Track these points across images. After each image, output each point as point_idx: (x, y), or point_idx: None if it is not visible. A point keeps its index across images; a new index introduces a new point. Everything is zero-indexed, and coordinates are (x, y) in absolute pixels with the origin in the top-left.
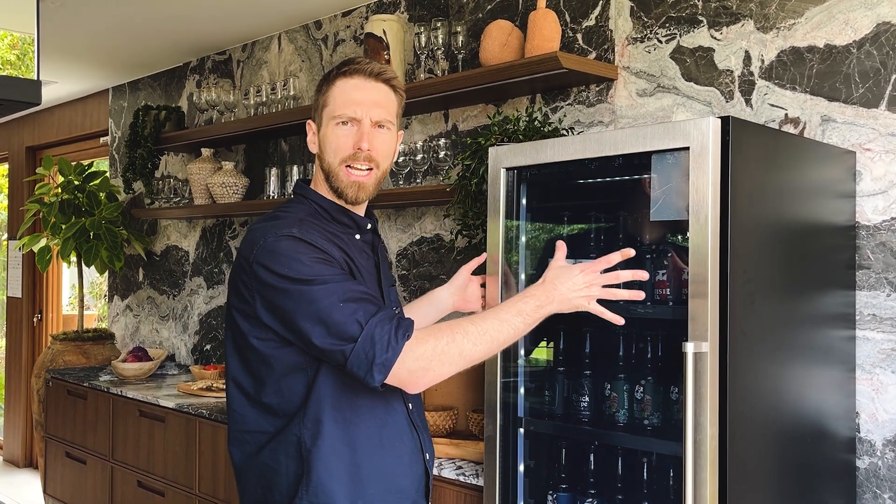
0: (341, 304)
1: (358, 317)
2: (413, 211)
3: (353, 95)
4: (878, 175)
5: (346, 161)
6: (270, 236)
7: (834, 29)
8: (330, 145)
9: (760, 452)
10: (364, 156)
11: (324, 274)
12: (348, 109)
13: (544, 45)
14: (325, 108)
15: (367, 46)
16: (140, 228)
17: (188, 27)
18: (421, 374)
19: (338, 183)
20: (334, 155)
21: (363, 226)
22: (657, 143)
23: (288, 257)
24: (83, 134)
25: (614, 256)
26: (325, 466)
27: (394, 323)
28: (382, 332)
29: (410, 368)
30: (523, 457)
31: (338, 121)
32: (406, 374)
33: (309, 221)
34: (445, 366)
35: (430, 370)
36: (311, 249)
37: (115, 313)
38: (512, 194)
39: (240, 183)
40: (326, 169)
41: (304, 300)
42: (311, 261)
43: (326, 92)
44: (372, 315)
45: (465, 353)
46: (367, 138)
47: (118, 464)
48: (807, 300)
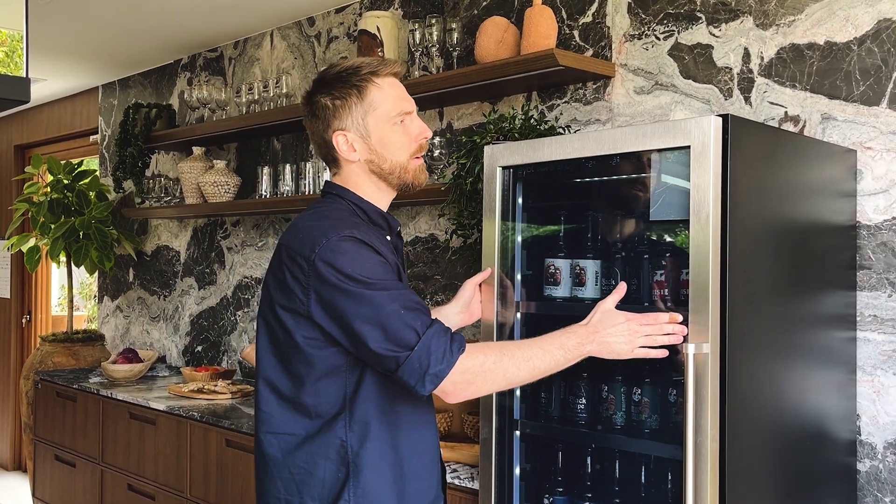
0: (402, 312)
1: (416, 326)
2: (407, 210)
3: (396, 91)
4: (879, 174)
5: (413, 154)
6: (333, 235)
7: (834, 26)
8: (394, 145)
9: (760, 455)
10: (425, 143)
11: (385, 279)
12: (401, 105)
13: (540, 42)
14: (372, 112)
15: (360, 43)
16: (130, 228)
17: (179, 24)
18: (463, 386)
19: (406, 175)
20: (401, 152)
21: (394, 228)
22: (657, 141)
23: (352, 259)
24: (73, 132)
25: (662, 317)
26: (373, 468)
27: (448, 336)
28: (439, 344)
29: (455, 380)
30: (519, 460)
31: (395, 120)
32: (450, 386)
33: (357, 222)
34: (488, 383)
35: (472, 384)
36: (373, 253)
37: (105, 314)
38: (508, 194)
39: (231, 182)
40: (389, 169)
41: (366, 303)
42: (373, 264)
43: (366, 97)
44: (428, 326)
45: (509, 375)
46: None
47: (108, 467)
48: (807, 301)
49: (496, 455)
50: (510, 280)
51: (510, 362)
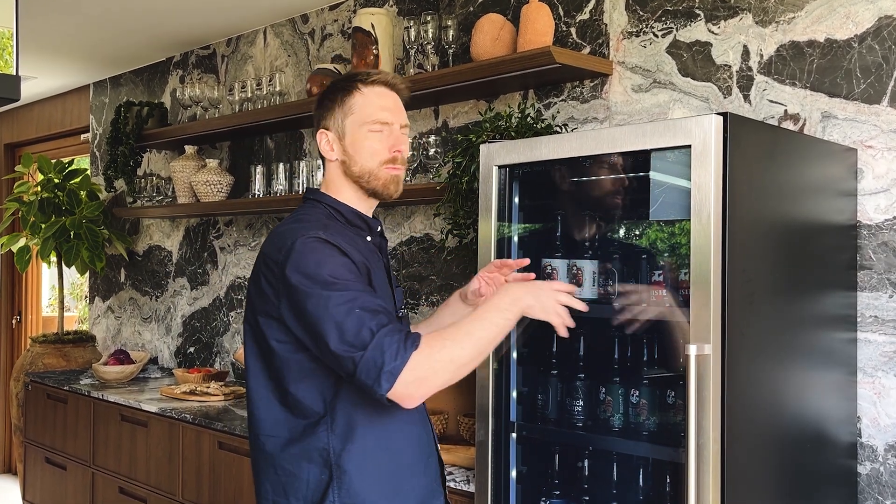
0: (357, 311)
1: (371, 325)
2: (402, 210)
3: (382, 102)
4: (879, 173)
5: (384, 163)
6: (299, 238)
7: (834, 23)
8: (365, 150)
9: (760, 457)
10: (401, 158)
11: (347, 280)
12: (381, 115)
13: (537, 40)
14: (350, 116)
15: (354, 41)
16: (122, 228)
17: (171, 21)
18: (417, 385)
19: (376, 182)
20: (372, 159)
21: (374, 228)
22: (657, 140)
23: (316, 260)
24: (63, 131)
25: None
26: (359, 470)
27: (402, 334)
28: (392, 341)
29: (408, 381)
30: (515, 462)
31: (370, 128)
32: (402, 388)
33: (331, 225)
34: (440, 374)
35: (425, 380)
36: (338, 254)
37: (97, 315)
38: (504, 193)
39: (224, 181)
40: (359, 172)
41: (325, 303)
42: (335, 264)
43: (348, 101)
44: (383, 325)
45: (456, 358)
46: (401, 141)
47: (99, 469)
48: (807, 301)
49: (492, 458)
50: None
51: (453, 345)
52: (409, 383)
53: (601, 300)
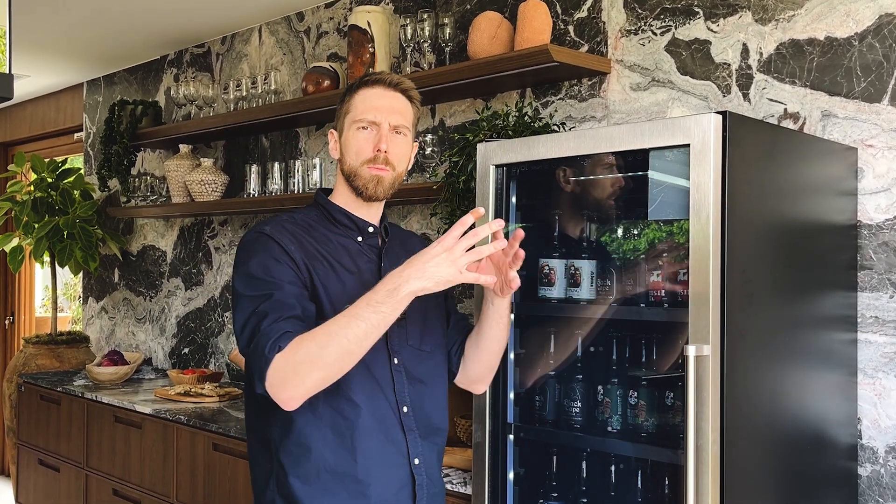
0: (259, 309)
1: (263, 323)
2: (399, 210)
3: (373, 102)
4: (880, 172)
5: (367, 162)
6: (248, 232)
7: (835, 21)
8: (351, 148)
9: (759, 459)
10: (382, 158)
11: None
12: (368, 114)
13: (534, 38)
14: (347, 115)
15: (350, 39)
16: (116, 228)
17: (166, 19)
18: (280, 387)
19: (359, 181)
20: (356, 157)
21: (364, 229)
22: (656, 139)
23: (248, 255)
24: (57, 130)
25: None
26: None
27: (278, 334)
28: (264, 342)
29: (271, 383)
30: (513, 464)
31: (359, 125)
32: (271, 390)
33: (293, 221)
34: (300, 375)
35: (288, 382)
36: (273, 248)
37: (90, 315)
38: (501, 192)
39: (219, 180)
40: (348, 171)
41: (240, 299)
42: (266, 261)
43: (349, 101)
44: (272, 323)
45: (316, 358)
46: (385, 140)
47: (93, 471)
48: (807, 302)
49: (489, 459)
50: None
51: (311, 344)
52: (273, 385)
53: (599, 300)
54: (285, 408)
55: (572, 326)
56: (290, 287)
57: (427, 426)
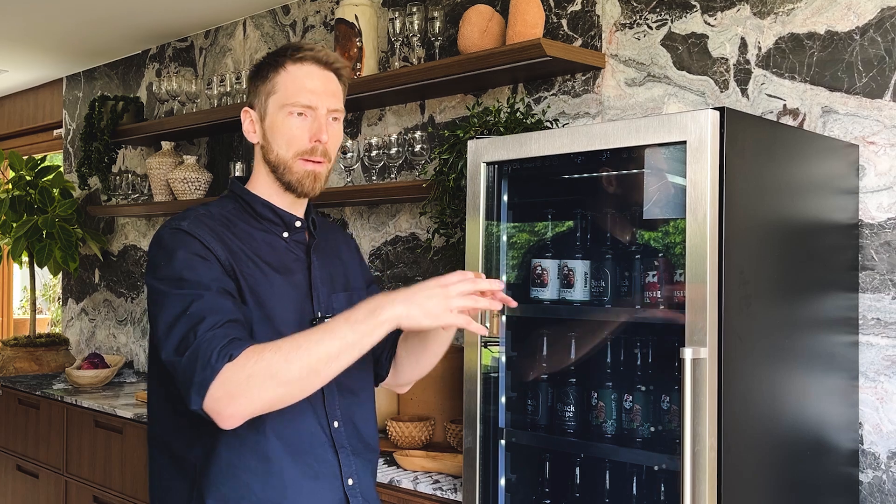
0: (189, 313)
1: (198, 328)
2: (387, 208)
3: (306, 84)
4: (882, 170)
5: (301, 154)
6: (161, 229)
7: (835, 14)
8: (282, 137)
9: (758, 465)
10: (321, 150)
11: (193, 276)
12: (303, 97)
13: (527, 32)
14: (272, 95)
15: (337, 33)
16: (96, 227)
17: (147, 12)
18: (227, 402)
19: (290, 176)
20: (287, 147)
21: (291, 224)
22: (651, 136)
23: (165, 254)
24: (35, 126)
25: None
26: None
27: (225, 340)
28: (208, 349)
29: (216, 396)
30: (504, 470)
31: (291, 110)
32: (212, 403)
33: (210, 215)
34: (254, 390)
35: (236, 397)
36: (195, 245)
37: (70, 317)
38: (492, 191)
39: (202, 178)
40: (275, 161)
41: (163, 303)
42: (185, 259)
43: (273, 77)
44: (210, 328)
45: (278, 373)
46: (324, 130)
47: (73, 477)
48: (806, 303)
49: (480, 465)
50: None
51: (275, 356)
52: (219, 399)
53: (593, 301)
54: (224, 426)
55: (565, 328)
56: (220, 288)
57: (359, 441)
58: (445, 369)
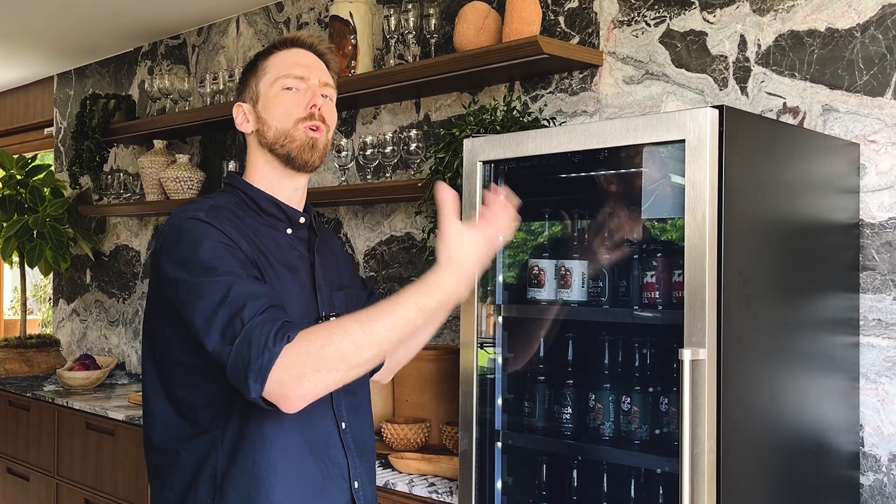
0: (230, 300)
1: (243, 314)
2: (382, 208)
3: (296, 59)
4: (883, 169)
5: (300, 121)
6: (176, 221)
7: (836, 11)
8: (277, 109)
9: (757, 468)
10: (318, 115)
11: (226, 265)
12: (294, 70)
13: (523, 29)
14: (262, 78)
15: (332, 30)
16: (87, 226)
17: (139, 9)
18: (294, 385)
19: (291, 144)
20: (286, 118)
21: (295, 220)
22: (650, 135)
23: (190, 244)
24: (26, 124)
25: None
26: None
27: (277, 324)
28: (261, 333)
29: (281, 379)
30: (501, 473)
31: (283, 84)
32: (277, 387)
33: (222, 208)
34: (322, 373)
35: (303, 380)
36: (217, 235)
37: (61, 318)
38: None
39: (195, 177)
40: (273, 137)
41: (199, 293)
42: (214, 247)
43: (263, 64)
44: (257, 313)
45: (347, 356)
46: (318, 96)
47: (64, 480)
48: (807, 304)
49: (476, 468)
50: (492, 283)
51: (345, 340)
52: (283, 382)
53: (591, 302)
54: (289, 409)
55: (563, 329)
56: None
57: (361, 442)
58: (441, 371)
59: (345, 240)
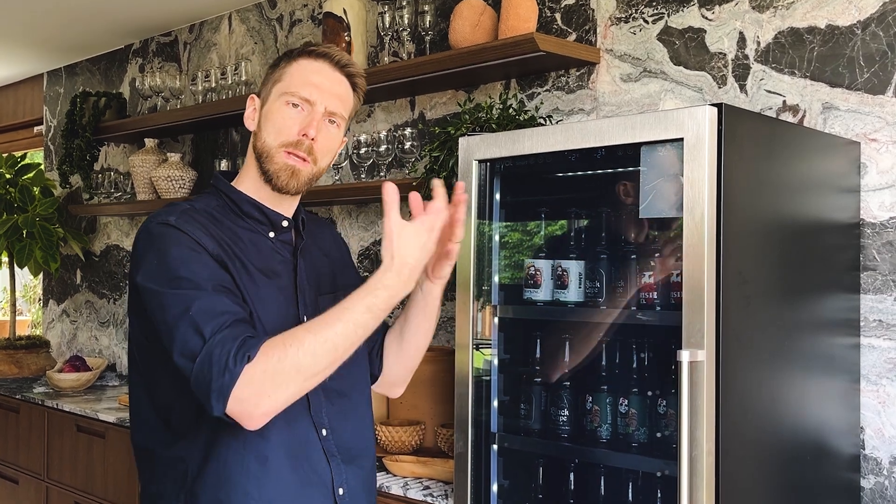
0: (191, 315)
1: (205, 330)
2: (376, 207)
3: (312, 78)
4: (884, 168)
5: (285, 145)
6: (148, 225)
7: (836, 8)
8: (273, 124)
9: (757, 471)
10: (307, 146)
11: (190, 275)
12: (304, 90)
13: (520, 26)
14: (277, 84)
15: (325, 27)
16: (78, 226)
17: (130, 6)
18: (255, 402)
19: (270, 165)
20: (276, 136)
21: (277, 223)
22: (647, 133)
23: (158, 252)
24: (15, 123)
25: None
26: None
27: (238, 341)
28: (222, 352)
29: (242, 397)
30: (497, 476)
31: (288, 99)
32: (237, 406)
33: (195, 210)
34: (281, 388)
35: (262, 396)
36: (186, 240)
37: (51, 319)
38: (484, 189)
39: (187, 176)
40: (261, 149)
41: (163, 304)
42: (179, 257)
43: (284, 68)
44: (218, 329)
45: (304, 367)
46: (315, 126)
47: (54, 483)
48: (807, 304)
49: (472, 471)
50: (488, 284)
51: (299, 352)
52: (244, 400)
53: (588, 303)
54: (251, 426)
55: (559, 330)
56: (218, 285)
57: (350, 448)
58: (436, 372)
59: None
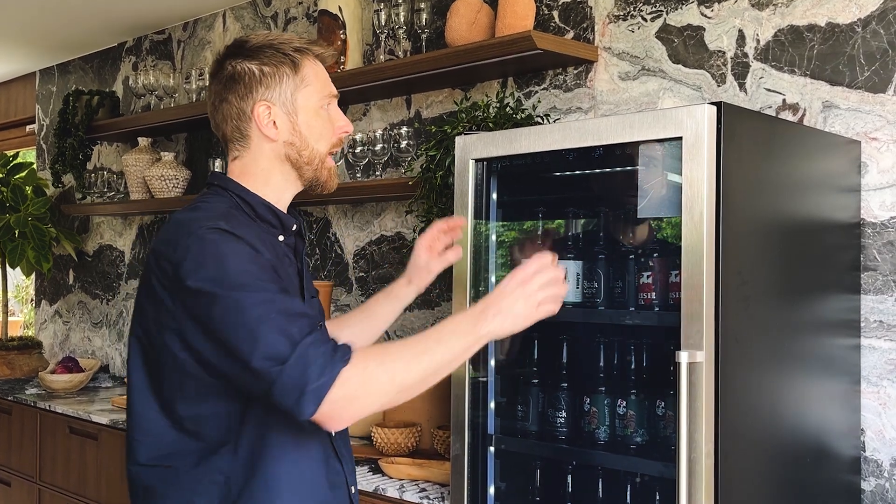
0: (274, 317)
1: (292, 332)
2: (372, 207)
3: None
4: (885, 167)
5: (333, 147)
6: (197, 229)
7: (837, 6)
8: (317, 131)
9: (756, 473)
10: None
11: (258, 277)
12: (331, 88)
13: (517, 24)
14: (304, 88)
15: (321, 25)
16: (70, 226)
17: (123, 4)
18: (344, 405)
19: (319, 174)
20: (323, 142)
21: (289, 226)
22: (646, 132)
23: (218, 256)
24: (7, 122)
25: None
26: None
27: (330, 344)
28: (317, 353)
29: (335, 399)
30: (494, 478)
31: (323, 104)
32: (328, 407)
33: (234, 214)
34: (373, 395)
35: (355, 400)
36: (242, 246)
37: (43, 320)
38: (481, 188)
39: (180, 176)
40: (308, 158)
41: (235, 308)
42: (243, 260)
43: (299, 70)
44: (307, 333)
45: (398, 378)
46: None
47: (46, 486)
48: (807, 305)
49: (469, 473)
50: (485, 285)
51: (396, 363)
52: (337, 401)
53: (586, 303)
54: (333, 428)
55: (557, 331)
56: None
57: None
58: None
59: (333, 240)
